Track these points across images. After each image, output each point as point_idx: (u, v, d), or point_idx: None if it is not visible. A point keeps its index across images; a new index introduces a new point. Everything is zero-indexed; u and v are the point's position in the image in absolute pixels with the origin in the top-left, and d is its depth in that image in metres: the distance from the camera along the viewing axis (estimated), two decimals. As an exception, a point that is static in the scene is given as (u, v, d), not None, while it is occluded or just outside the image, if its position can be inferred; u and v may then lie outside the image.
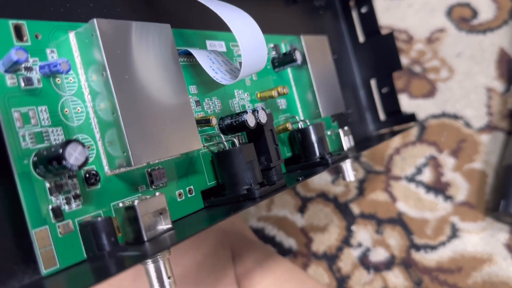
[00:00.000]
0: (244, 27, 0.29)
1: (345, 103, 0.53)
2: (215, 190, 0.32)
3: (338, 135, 0.46)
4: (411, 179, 0.61)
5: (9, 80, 0.22)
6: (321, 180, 0.62)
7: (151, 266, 0.25)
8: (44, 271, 0.22)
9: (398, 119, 0.56)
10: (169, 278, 0.25)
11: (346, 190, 0.61)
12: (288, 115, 0.41)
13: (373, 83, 0.57)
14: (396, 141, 0.64)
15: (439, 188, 0.60)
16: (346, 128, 0.46)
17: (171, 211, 0.28)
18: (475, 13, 0.67)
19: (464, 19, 0.66)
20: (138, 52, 0.26)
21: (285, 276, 0.46)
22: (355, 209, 0.60)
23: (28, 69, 0.23)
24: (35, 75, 0.23)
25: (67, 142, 0.21)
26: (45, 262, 0.22)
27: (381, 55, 0.56)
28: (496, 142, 0.61)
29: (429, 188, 0.60)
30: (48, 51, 0.24)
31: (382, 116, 0.58)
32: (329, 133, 0.46)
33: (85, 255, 0.23)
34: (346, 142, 0.46)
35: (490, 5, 0.67)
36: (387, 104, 0.57)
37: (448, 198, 0.59)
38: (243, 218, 0.59)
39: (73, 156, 0.21)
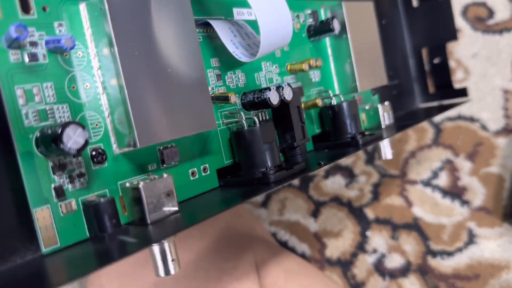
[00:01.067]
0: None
1: (392, 73, 0.50)
2: (232, 169, 0.31)
3: (376, 110, 0.43)
4: (427, 183, 0.59)
5: (13, 56, 0.21)
6: (335, 184, 0.60)
7: (155, 247, 0.24)
8: (44, 249, 0.22)
9: (449, 93, 0.52)
10: (173, 260, 0.25)
11: (360, 194, 0.59)
12: (321, 89, 0.39)
13: (424, 52, 0.53)
14: (411, 144, 0.61)
15: (455, 192, 0.58)
16: (386, 103, 0.43)
17: (182, 190, 0.28)
18: (491, 13, 0.61)
19: (479, 19, 0.62)
20: (151, 26, 0.24)
21: (309, 281, 0.45)
22: (370, 214, 0.58)
23: (33, 44, 0.22)
24: (41, 50, 0.22)
25: (66, 124, 0.20)
26: (45, 241, 0.22)
27: (435, 22, 0.51)
28: (513, 146, 0.58)
29: (445, 192, 0.58)
30: (55, 24, 0.23)
31: (431, 88, 0.54)
32: (367, 107, 0.43)
33: (88, 234, 0.23)
34: (385, 119, 0.43)
35: (507, 5, 0.61)
36: (438, 76, 0.53)
37: (464, 203, 0.57)
38: (260, 222, 0.58)
39: (72, 139, 0.21)
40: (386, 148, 0.42)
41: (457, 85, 0.60)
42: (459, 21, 0.62)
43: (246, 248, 0.45)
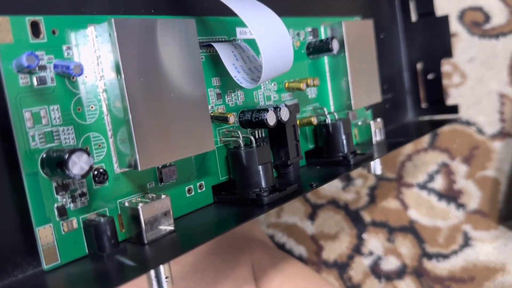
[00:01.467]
0: (264, 24, 0.28)
1: (386, 87, 0.51)
2: (227, 186, 0.32)
3: (369, 126, 0.44)
4: (423, 186, 0.60)
5: (22, 80, 0.22)
6: (332, 187, 0.61)
7: (150, 264, 0.25)
8: (45, 266, 0.23)
9: (440, 108, 0.54)
10: (166, 278, 0.26)
11: (357, 198, 0.61)
12: (317, 105, 0.40)
13: (419, 67, 0.54)
14: (408, 147, 0.62)
15: (451, 195, 0.59)
16: (378, 120, 0.44)
17: (178, 207, 0.29)
18: (487, 18, 0.62)
19: (476, 24, 0.63)
20: (157, 52, 0.25)
21: (305, 283, 0.46)
22: (366, 216, 0.60)
23: (42, 67, 0.23)
24: (49, 73, 0.23)
25: (72, 151, 0.21)
26: (47, 258, 0.23)
27: (432, 38, 0.52)
28: (509, 149, 0.59)
29: (441, 195, 0.60)
30: (64, 47, 0.24)
31: (423, 103, 0.55)
32: (359, 123, 0.44)
33: (87, 251, 0.24)
34: (377, 135, 0.44)
35: (503, 9, 0.62)
36: (431, 91, 0.54)
37: (460, 206, 0.59)
38: (258, 224, 0.59)
39: (77, 165, 0.21)
40: (376, 164, 0.44)
41: (453, 90, 0.61)
42: (456, 26, 0.62)
43: (244, 250, 0.47)
